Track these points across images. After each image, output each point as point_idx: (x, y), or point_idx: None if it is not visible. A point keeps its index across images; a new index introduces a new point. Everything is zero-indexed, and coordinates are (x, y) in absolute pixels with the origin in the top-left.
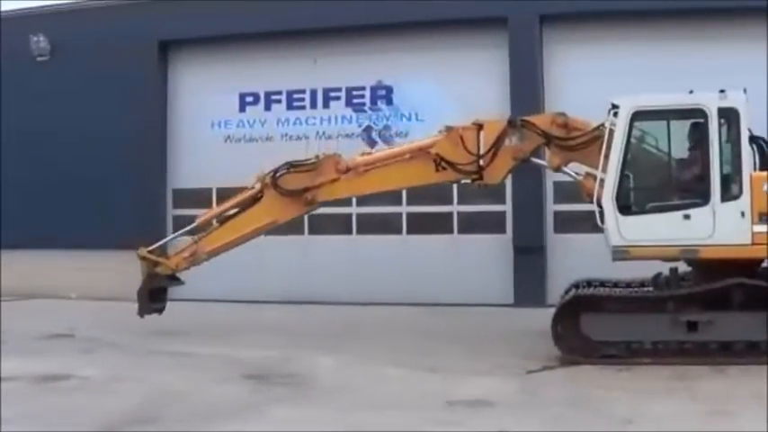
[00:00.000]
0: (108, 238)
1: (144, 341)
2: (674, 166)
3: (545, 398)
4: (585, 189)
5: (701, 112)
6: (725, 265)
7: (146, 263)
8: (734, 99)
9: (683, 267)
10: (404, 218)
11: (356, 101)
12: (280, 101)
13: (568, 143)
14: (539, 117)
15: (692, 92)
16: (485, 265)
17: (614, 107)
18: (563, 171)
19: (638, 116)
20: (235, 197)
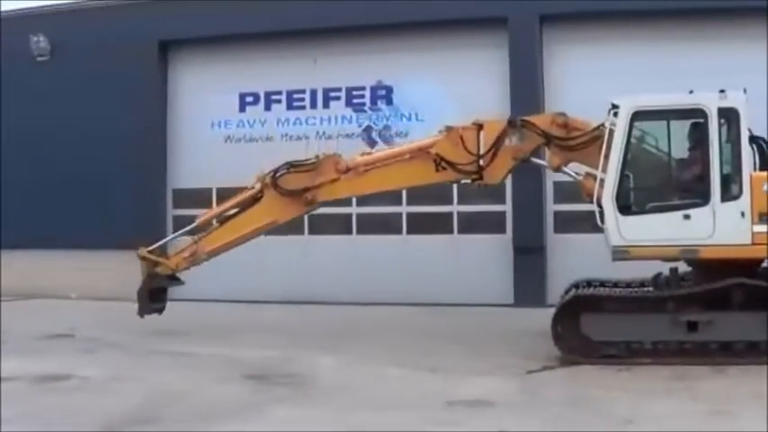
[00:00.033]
0: (108, 238)
1: (144, 341)
2: (674, 166)
3: (545, 398)
4: (585, 189)
5: (701, 112)
6: (725, 265)
7: (146, 263)
8: (734, 99)
9: (683, 267)
10: (404, 218)
11: (356, 101)
12: (280, 101)
13: (568, 143)
14: (539, 117)
15: (692, 92)
16: (485, 265)
17: (614, 107)
18: (563, 171)
19: (638, 116)
20: (235, 197)
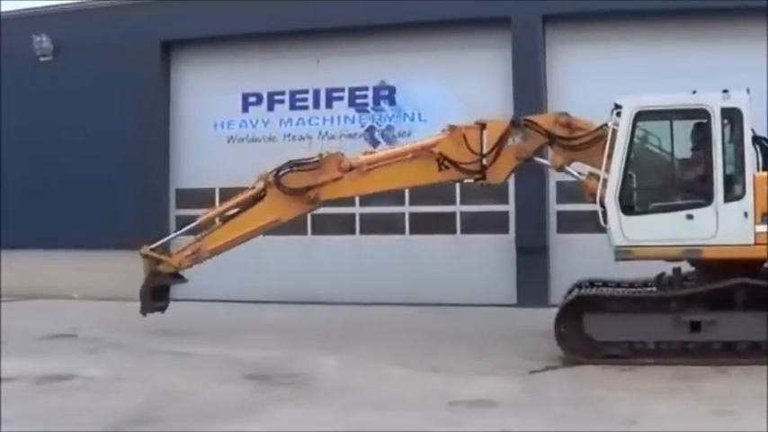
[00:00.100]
0: (111, 238)
1: (146, 341)
2: (677, 166)
3: (548, 398)
4: (588, 189)
5: (704, 112)
6: (728, 265)
7: (148, 261)
8: (737, 99)
9: (686, 267)
10: (407, 218)
11: (359, 101)
12: (282, 101)
13: (571, 143)
14: (542, 117)
15: (695, 92)
16: (488, 265)
17: (617, 107)
18: (566, 171)
19: (641, 116)
20: (237, 196)
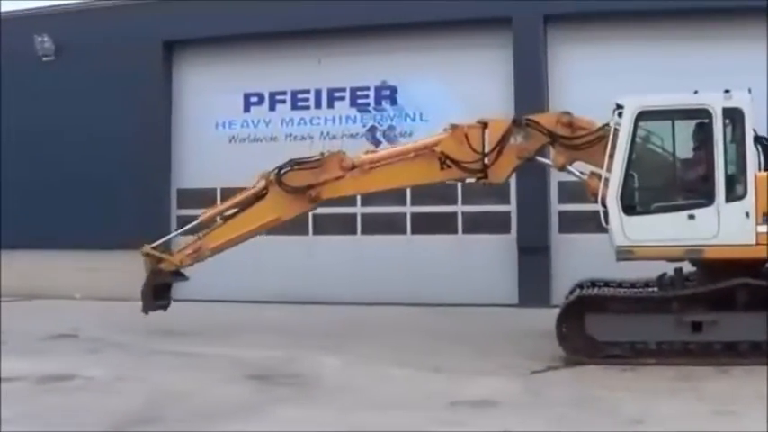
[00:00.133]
0: (112, 237)
1: (148, 341)
2: (678, 166)
3: (549, 398)
4: (590, 188)
5: (705, 112)
6: (729, 265)
7: (149, 259)
8: (739, 99)
9: (687, 267)
10: (408, 218)
11: (360, 101)
12: (284, 101)
13: (573, 142)
14: (544, 116)
15: (696, 92)
16: (489, 265)
17: (619, 107)
18: (568, 170)
19: (642, 116)
20: (238, 194)
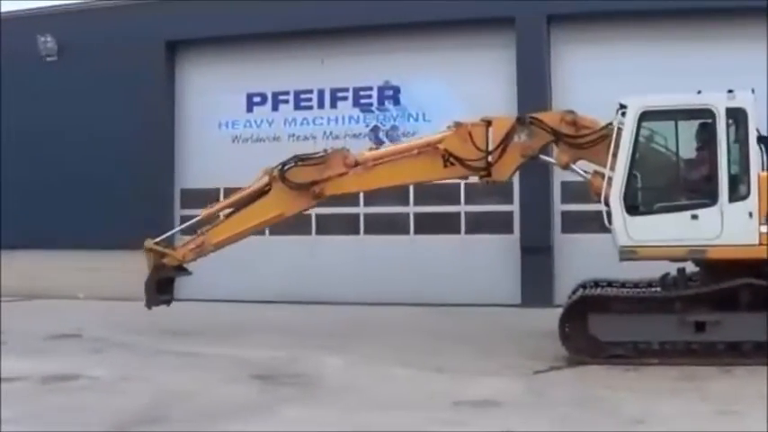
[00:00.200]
0: (115, 238)
1: (152, 341)
2: (681, 166)
3: (552, 398)
4: (594, 187)
5: (709, 112)
6: (732, 265)
7: (152, 255)
8: (742, 99)
9: (690, 268)
10: (411, 218)
11: (363, 101)
12: (287, 101)
13: (577, 141)
14: (547, 114)
15: (700, 92)
16: (492, 265)
17: (622, 107)
18: (571, 169)
19: (646, 116)
20: (242, 190)
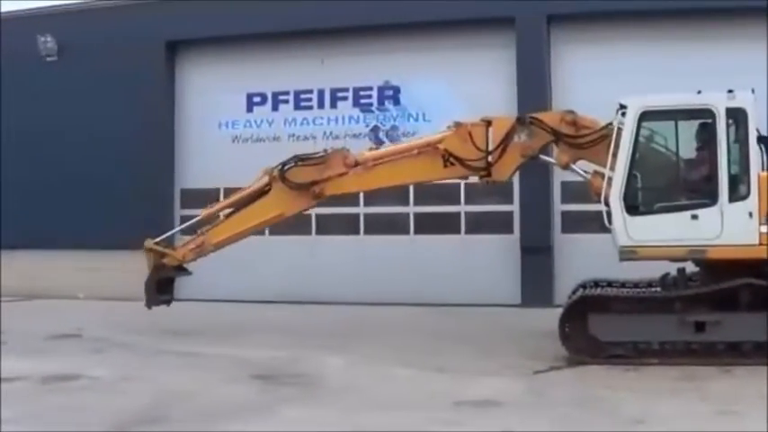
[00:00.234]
0: (116, 238)
1: (152, 341)
2: (681, 166)
3: (552, 398)
4: (594, 188)
5: (709, 112)
6: (732, 265)
7: (152, 255)
8: (742, 99)
9: (690, 268)
10: (411, 218)
11: (363, 101)
12: (287, 101)
13: (577, 141)
14: (547, 114)
15: (700, 92)
16: (492, 265)
17: (622, 107)
18: (571, 169)
19: (645, 116)
20: (242, 190)
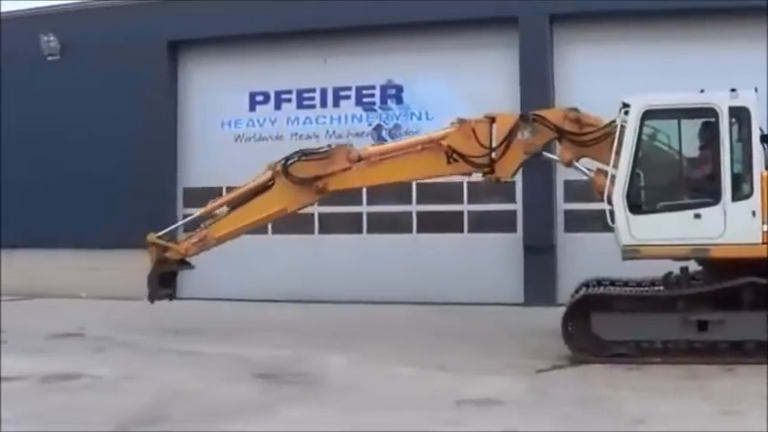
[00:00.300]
0: (118, 237)
1: (154, 340)
2: (684, 165)
3: (555, 397)
4: (597, 185)
5: (712, 111)
6: (735, 264)
7: (155, 248)
8: (745, 98)
9: (693, 266)
10: (414, 217)
11: (366, 100)
12: (290, 100)
13: (581, 138)
14: (551, 111)
15: (703, 91)
16: (495, 264)
17: (625, 106)
18: (574, 166)
19: (648, 115)
20: (245, 185)
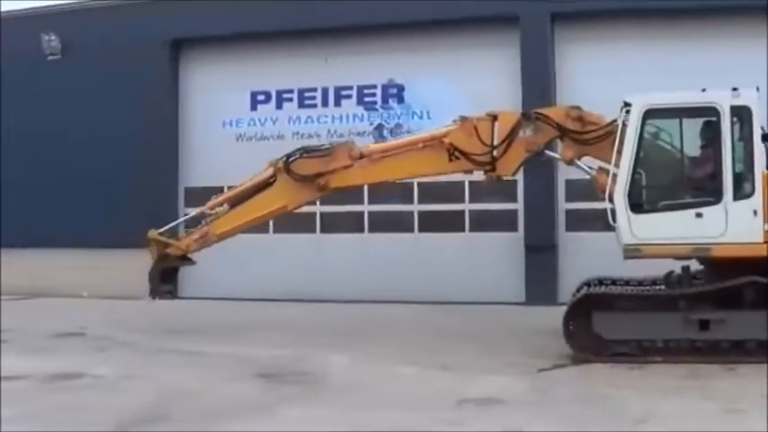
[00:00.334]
0: (120, 236)
1: (155, 339)
2: (686, 164)
3: (556, 396)
4: (598, 184)
5: (713, 110)
6: (737, 263)
7: (156, 245)
8: (747, 97)
9: (695, 266)
10: (416, 216)
11: (367, 99)
12: (291, 99)
13: (583, 137)
14: (553, 109)
15: (704, 90)
16: (496, 263)
17: (626, 105)
18: (576, 165)
19: (650, 114)
20: (246, 181)
